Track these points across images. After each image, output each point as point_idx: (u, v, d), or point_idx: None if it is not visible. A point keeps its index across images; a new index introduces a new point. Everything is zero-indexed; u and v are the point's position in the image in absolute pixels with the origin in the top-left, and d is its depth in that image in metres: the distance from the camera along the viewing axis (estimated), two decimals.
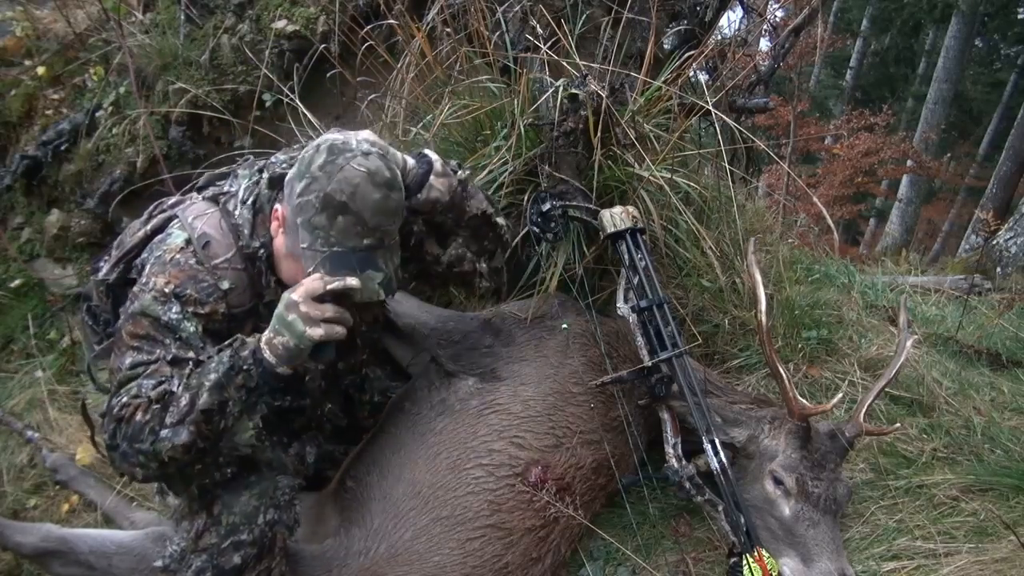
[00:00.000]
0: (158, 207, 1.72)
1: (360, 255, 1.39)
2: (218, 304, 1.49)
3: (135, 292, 1.48)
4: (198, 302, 1.46)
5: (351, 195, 1.35)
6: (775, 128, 8.75)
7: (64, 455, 2.48)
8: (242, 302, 1.54)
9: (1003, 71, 12.98)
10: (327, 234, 1.37)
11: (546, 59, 2.23)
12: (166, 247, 1.51)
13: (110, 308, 1.66)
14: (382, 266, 1.41)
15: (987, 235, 5.35)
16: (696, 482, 1.82)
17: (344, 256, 1.38)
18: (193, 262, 1.48)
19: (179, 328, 1.43)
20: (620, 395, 1.97)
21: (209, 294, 1.48)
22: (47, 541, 1.79)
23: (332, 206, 1.35)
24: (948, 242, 11.01)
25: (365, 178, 1.36)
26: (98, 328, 1.73)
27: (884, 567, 1.85)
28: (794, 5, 4.95)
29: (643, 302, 1.92)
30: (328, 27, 2.72)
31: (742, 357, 2.48)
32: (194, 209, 1.60)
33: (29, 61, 3.37)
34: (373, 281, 1.40)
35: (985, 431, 2.28)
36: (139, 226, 1.69)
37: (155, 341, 1.43)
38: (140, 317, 1.43)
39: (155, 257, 1.51)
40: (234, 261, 1.53)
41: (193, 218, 1.56)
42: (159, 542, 1.70)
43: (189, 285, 1.46)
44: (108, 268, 1.66)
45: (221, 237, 1.53)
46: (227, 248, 1.53)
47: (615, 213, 2.00)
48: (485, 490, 1.74)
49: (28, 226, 3.39)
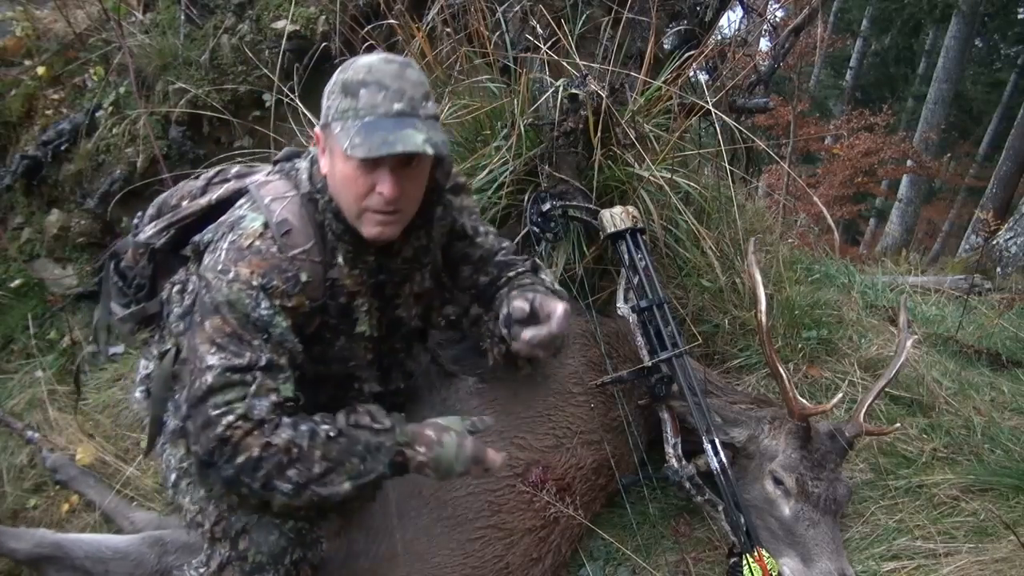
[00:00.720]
0: (219, 174, 1.63)
1: (392, 119, 1.27)
2: (301, 297, 1.38)
3: (208, 279, 1.35)
4: (285, 294, 1.35)
5: (367, 71, 1.29)
6: (775, 128, 8.74)
7: (64, 455, 2.47)
8: (315, 297, 1.42)
9: (1003, 71, 12.96)
10: (355, 111, 1.28)
11: (546, 59, 2.23)
12: (242, 231, 1.37)
13: (148, 274, 1.58)
14: (421, 128, 1.27)
15: (987, 235, 5.35)
16: (696, 482, 1.82)
17: (375, 123, 1.26)
18: (275, 250, 1.36)
19: (270, 325, 1.34)
20: (620, 395, 1.97)
21: (293, 285, 1.36)
22: (41, 547, 1.76)
23: (351, 86, 1.29)
24: (948, 242, 11.00)
25: (377, 59, 1.32)
26: (127, 290, 1.64)
27: (884, 567, 1.85)
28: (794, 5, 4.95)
29: (643, 302, 1.92)
30: (328, 27, 2.72)
31: (742, 357, 2.48)
32: (271, 189, 1.45)
33: (29, 61, 3.37)
34: (413, 137, 1.25)
35: (985, 431, 2.28)
36: (196, 192, 1.60)
37: (243, 342, 1.32)
38: (227, 312, 1.32)
39: (229, 241, 1.37)
40: (312, 253, 1.40)
41: (271, 200, 1.42)
42: (156, 547, 1.69)
43: (275, 275, 1.34)
44: (154, 232, 1.56)
45: (301, 226, 1.41)
46: (306, 238, 1.40)
47: (615, 213, 2.00)
48: (486, 491, 1.74)
49: (28, 226, 3.38)
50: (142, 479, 2.39)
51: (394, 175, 1.30)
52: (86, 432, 2.59)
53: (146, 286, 1.62)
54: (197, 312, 1.36)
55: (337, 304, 1.46)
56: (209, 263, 1.37)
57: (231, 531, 1.46)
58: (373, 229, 1.36)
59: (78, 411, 2.69)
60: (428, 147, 1.25)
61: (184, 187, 1.66)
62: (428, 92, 1.34)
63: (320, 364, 1.51)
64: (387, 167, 1.29)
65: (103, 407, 2.72)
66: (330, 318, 1.46)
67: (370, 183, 1.30)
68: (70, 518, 2.35)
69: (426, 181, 1.42)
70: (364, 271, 1.47)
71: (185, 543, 1.82)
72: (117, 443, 2.56)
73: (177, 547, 1.83)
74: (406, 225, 1.43)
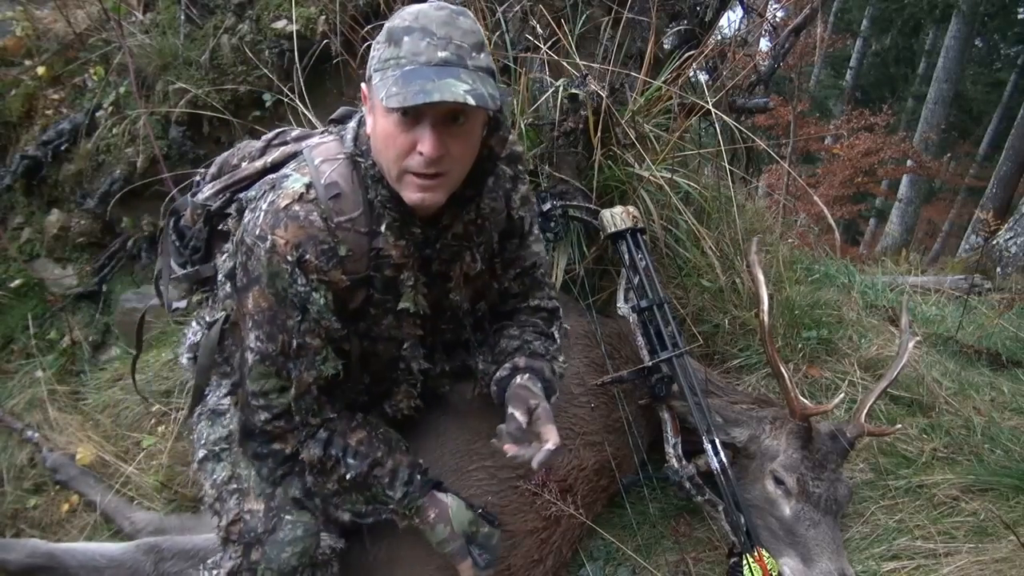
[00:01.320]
0: (279, 136, 1.56)
1: (434, 68, 1.14)
2: (337, 272, 1.30)
3: (248, 245, 1.29)
4: (319, 269, 1.27)
5: (414, 18, 1.17)
6: (775, 128, 8.74)
7: (64, 455, 2.48)
8: (357, 269, 1.34)
9: (1003, 71, 12.96)
10: (396, 60, 1.16)
11: (546, 59, 2.23)
12: (282, 191, 1.29)
13: (204, 236, 1.55)
14: (466, 79, 1.13)
15: (987, 235, 5.36)
16: (696, 482, 1.82)
17: (416, 71, 1.14)
18: (315, 216, 1.27)
19: (307, 301, 1.29)
20: (621, 396, 1.97)
21: (329, 259, 1.28)
22: (34, 557, 1.74)
23: (396, 33, 1.18)
24: (948, 242, 11.01)
25: (428, 5, 1.20)
26: (184, 250, 1.60)
27: (884, 567, 1.85)
28: (794, 5, 4.96)
29: (643, 302, 1.92)
30: (328, 26, 2.72)
31: (742, 357, 2.48)
32: (323, 150, 1.36)
33: (29, 61, 3.37)
34: (454, 86, 1.11)
35: (985, 431, 2.28)
36: (256, 153, 1.55)
37: (277, 322, 1.30)
38: (266, 285, 1.28)
39: (268, 202, 1.29)
40: (358, 223, 1.31)
41: (321, 161, 1.33)
42: (151, 553, 1.67)
43: (309, 247, 1.26)
44: (212, 193, 1.51)
45: (351, 192, 1.31)
46: (355, 206, 1.31)
47: (615, 213, 2.00)
48: (487, 492, 1.73)
49: (28, 226, 3.38)
50: (142, 479, 2.39)
51: (435, 132, 1.17)
52: (86, 432, 2.59)
53: (201, 248, 1.58)
54: (241, 277, 1.33)
55: (383, 277, 1.37)
56: (249, 224, 1.31)
57: (246, 536, 1.46)
58: (415, 195, 1.23)
59: (77, 411, 2.70)
60: (470, 98, 1.10)
61: (245, 147, 1.61)
62: (482, 43, 1.21)
63: (366, 340, 1.46)
64: (428, 123, 1.16)
65: (103, 407, 2.72)
66: (376, 292, 1.38)
67: (411, 140, 1.18)
68: (70, 518, 2.35)
69: (477, 144, 1.28)
70: (411, 242, 1.36)
71: (182, 549, 1.80)
72: (117, 443, 2.56)
73: (174, 553, 1.80)
74: (453, 194, 1.31)
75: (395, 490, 1.44)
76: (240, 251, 1.33)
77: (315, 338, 1.33)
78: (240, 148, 1.62)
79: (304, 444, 1.40)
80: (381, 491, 1.44)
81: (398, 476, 1.45)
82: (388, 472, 1.44)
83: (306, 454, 1.39)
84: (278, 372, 1.34)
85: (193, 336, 1.65)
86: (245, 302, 1.32)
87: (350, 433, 1.43)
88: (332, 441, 1.40)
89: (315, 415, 1.39)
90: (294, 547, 1.44)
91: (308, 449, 1.39)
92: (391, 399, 1.59)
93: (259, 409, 1.37)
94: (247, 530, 1.46)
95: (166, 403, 2.58)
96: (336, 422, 1.43)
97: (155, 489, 2.35)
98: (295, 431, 1.39)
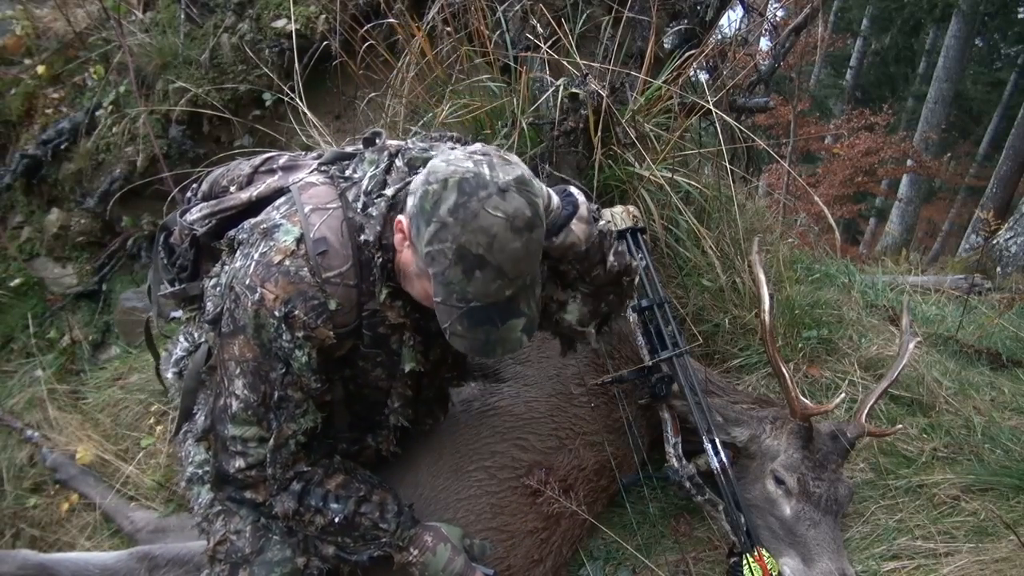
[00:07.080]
0: (266, 163, 1.56)
1: (500, 306, 1.20)
2: (326, 327, 1.30)
3: (237, 293, 1.30)
4: (307, 325, 1.28)
5: (488, 247, 1.14)
6: (775, 128, 8.75)
7: (64, 454, 2.48)
8: (346, 322, 1.34)
9: (1003, 71, 12.97)
10: (463, 290, 1.17)
11: (546, 58, 2.23)
12: (274, 243, 1.29)
13: (191, 257, 1.55)
14: (524, 310, 1.22)
15: (987, 235, 5.36)
16: (696, 482, 1.82)
17: (483, 310, 1.19)
18: (305, 272, 1.28)
19: (291, 357, 1.30)
20: (621, 395, 1.97)
21: (318, 314, 1.29)
22: (25, 568, 1.73)
23: (467, 259, 1.15)
24: (948, 242, 11.01)
25: (503, 225, 1.14)
26: (171, 268, 1.61)
27: (884, 567, 1.85)
28: (794, 5, 4.96)
29: (644, 302, 1.91)
30: (328, 26, 2.72)
31: (742, 357, 2.48)
32: (313, 196, 1.36)
33: (29, 60, 3.37)
34: (514, 331, 1.21)
35: (985, 431, 2.28)
36: (243, 180, 1.55)
37: (260, 375, 1.31)
38: (251, 335, 1.29)
39: (260, 252, 1.30)
40: (347, 276, 1.31)
41: (311, 210, 1.33)
42: (145, 561, 1.66)
43: (298, 303, 1.27)
44: (199, 217, 1.50)
45: (339, 246, 1.31)
46: (343, 260, 1.31)
47: (615, 212, 2.00)
48: (487, 492, 1.74)
49: (28, 225, 3.38)
50: (142, 478, 2.39)
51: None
52: (85, 431, 2.59)
53: (188, 268, 1.58)
54: (227, 323, 1.34)
55: (375, 334, 1.39)
56: (240, 271, 1.32)
57: (232, 556, 1.47)
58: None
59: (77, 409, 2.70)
60: (525, 337, 1.23)
61: (235, 168, 1.61)
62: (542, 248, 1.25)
63: (352, 385, 1.49)
64: None
65: (103, 406, 2.72)
66: (363, 344, 1.40)
67: None
68: (70, 517, 2.35)
69: None
70: (407, 302, 1.38)
71: (176, 556, 1.79)
72: (117, 442, 2.56)
73: (168, 560, 1.79)
74: None
75: (387, 522, 1.45)
76: (228, 297, 1.33)
77: (297, 391, 1.34)
78: (231, 168, 1.63)
79: (277, 497, 1.39)
80: (372, 526, 1.44)
81: (387, 508, 1.47)
82: (376, 506, 1.46)
83: (279, 507, 1.39)
84: (259, 421, 1.34)
85: (181, 351, 1.65)
86: (230, 348, 1.33)
87: (327, 479, 1.44)
88: (309, 492, 1.41)
89: (288, 468, 1.39)
90: (282, 568, 1.46)
91: (281, 503, 1.39)
92: (375, 433, 1.63)
93: (236, 455, 1.36)
94: (234, 550, 1.47)
95: (165, 403, 2.58)
96: (311, 473, 1.42)
97: (154, 488, 2.35)
98: (266, 482, 1.38)
